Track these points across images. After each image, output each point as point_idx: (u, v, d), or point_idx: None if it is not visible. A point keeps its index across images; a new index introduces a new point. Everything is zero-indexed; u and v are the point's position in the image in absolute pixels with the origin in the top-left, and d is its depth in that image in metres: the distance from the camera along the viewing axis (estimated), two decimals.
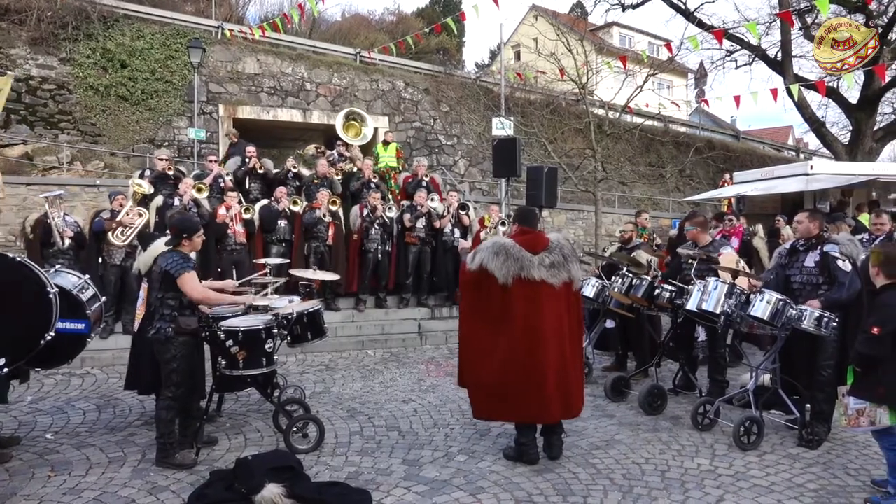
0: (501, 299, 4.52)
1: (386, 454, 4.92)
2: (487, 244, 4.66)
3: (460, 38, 35.97)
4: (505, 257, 4.49)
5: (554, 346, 4.55)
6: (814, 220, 5.39)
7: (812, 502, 4.04)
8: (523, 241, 4.63)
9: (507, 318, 4.52)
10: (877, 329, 3.89)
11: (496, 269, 4.47)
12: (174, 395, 4.58)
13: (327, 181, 10.05)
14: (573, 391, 4.68)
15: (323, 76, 17.28)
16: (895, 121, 23.24)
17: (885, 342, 3.88)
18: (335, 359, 8.27)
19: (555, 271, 4.55)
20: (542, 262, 4.55)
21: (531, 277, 4.49)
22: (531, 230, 4.82)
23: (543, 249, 4.61)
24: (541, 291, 4.52)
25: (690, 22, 20.66)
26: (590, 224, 15.75)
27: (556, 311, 4.58)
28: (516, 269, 4.48)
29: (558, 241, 4.74)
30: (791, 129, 40.08)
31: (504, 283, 4.47)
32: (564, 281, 4.61)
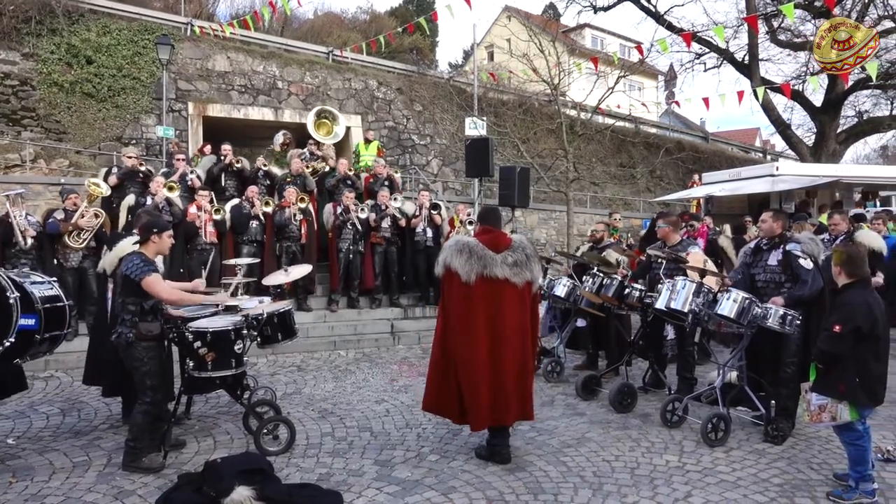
0: (465, 298, 4.52)
1: (358, 455, 4.90)
2: (450, 243, 4.68)
3: (434, 37, 35.99)
4: (468, 255, 4.50)
5: (514, 345, 4.57)
6: (777, 220, 5.51)
7: (777, 496, 4.12)
8: (486, 239, 4.65)
9: (471, 317, 4.51)
10: (838, 327, 3.98)
11: (459, 266, 4.48)
12: (152, 399, 4.50)
13: (300, 178, 9.96)
14: (528, 392, 4.71)
15: (295, 74, 17.14)
16: (857, 123, 23.87)
17: (846, 340, 3.97)
18: (307, 359, 8.20)
19: (517, 270, 4.58)
20: (504, 260, 4.56)
21: (494, 276, 4.50)
22: (494, 229, 4.83)
23: (506, 248, 4.63)
24: (503, 290, 4.54)
25: (660, 24, 20.98)
26: (562, 224, 15.88)
27: (516, 310, 4.60)
28: (479, 267, 4.48)
29: (521, 241, 4.78)
30: (758, 131, 40.85)
31: (467, 282, 4.47)
32: (526, 280, 4.64)
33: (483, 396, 4.48)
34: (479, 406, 4.49)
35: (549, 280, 7.32)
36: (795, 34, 22.55)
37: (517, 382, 4.58)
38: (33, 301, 4.57)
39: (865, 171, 17.36)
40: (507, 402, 4.53)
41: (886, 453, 4.74)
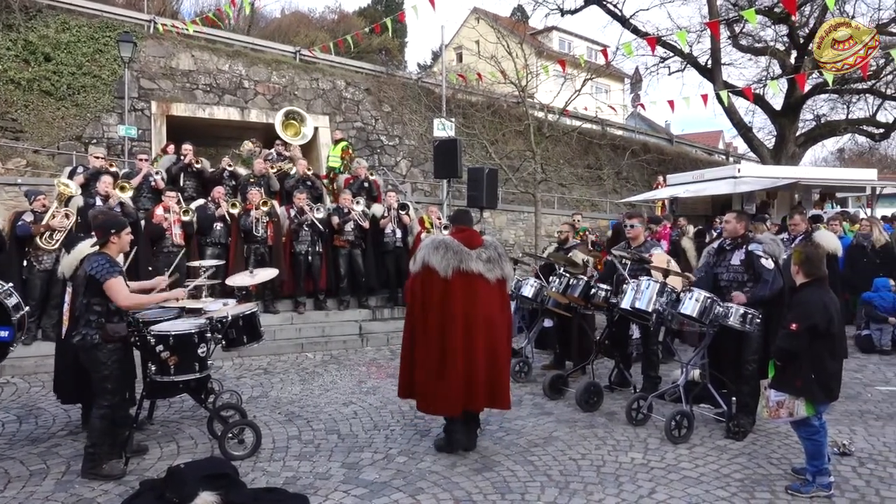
0: (443, 293, 4.69)
1: (325, 458, 4.86)
2: (426, 242, 4.87)
3: (402, 38, 35.93)
4: (445, 250, 4.71)
5: (484, 336, 4.76)
6: (740, 221, 5.63)
7: (738, 491, 4.21)
8: (461, 237, 4.87)
9: (449, 309, 4.68)
10: (795, 325, 4.09)
11: (437, 262, 4.67)
12: (111, 403, 4.39)
13: (264, 179, 9.84)
14: (501, 383, 4.86)
15: (261, 74, 16.94)
16: (815, 127, 24.54)
17: (803, 337, 4.08)
18: (274, 362, 8.11)
19: (491, 266, 4.81)
20: (479, 256, 4.79)
21: (469, 269, 4.72)
22: (467, 228, 5.03)
23: (479, 246, 4.86)
24: (477, 284, 4.75)
25: (626, 28, 21.28)
26: (530, 225, 16.00)
27: (489, 304, 4.80)
28: (456, 261, 4.69)
29: (492, 240, 5.05)
30: (721, 134, 41.70)
31: (445, 277, 4.66)
32: (498, 277, 4.86)
33: (457, 383, 4.66)
34: (452, 392, 4.66)
35: (517, 281, 7.36)
36: (756, 39, 23.10)
37: (487, 372, 4.75)
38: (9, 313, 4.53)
39: (823, 173, 17.87)
40: (477, 389, 4.71)
41: (842, 447, 4.87)
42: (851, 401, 6.27)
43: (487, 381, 4.77)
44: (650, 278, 5.69)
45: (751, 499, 4.10)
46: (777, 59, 22.30)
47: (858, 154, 32.92)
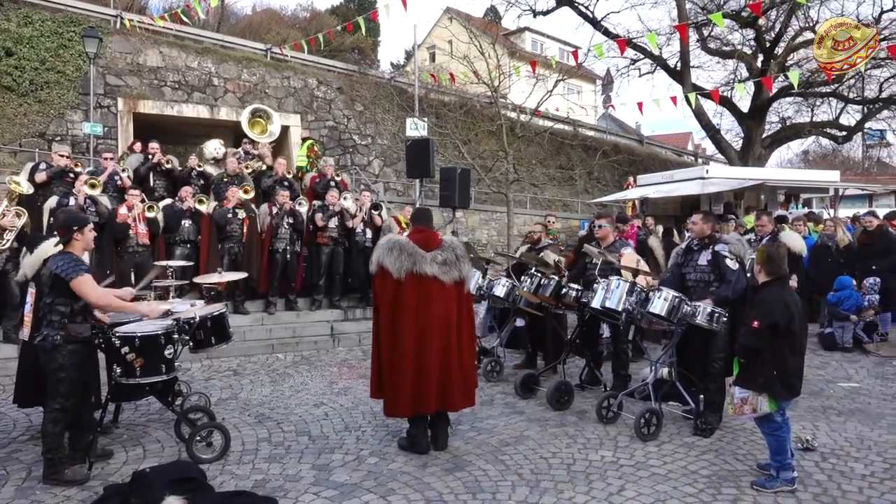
0: (396, 295, 4.71)
1: (295, 460, 4.82)
2: (382, 242, 4.87)
3: (375, 37, 35.78)
4: (398, 252, 4.71)
5: (438, 340, 4.76)
6: (707, 222, 5.72)
7: (705, 487, 4.28)
8: (417, 238, 4.87)
9: (402, 313, 4.71)
10: (756, 322, 4.17)
11: (390, 264, 4.69)
12: (63, 406, 4.28)
13: (238, 179, 9.72)
14: (455, 386, 4.85)
15: (231, 71, 16.70)
16: (781, 129, 25.08)
17: (764, 335, 4.16)
18: (243, 363, 8.01)
19: (446, 269, 4.79)
20: (434, 258, 4.78)
21: (423, 273, 4.71)
22: (426, 229, 5.03)
23: (436, 248, 4.85)
24: (431, 287, 4.75)
25: (597, 30, 21.48)
26: (502, 225, 16.05)
27: (444, 307, 4.80)
28: (409, 264, 4.69)
29: (452, 241, 5.02)
30: (691, 136, 42.36)
31: (398, 279, 4.67)
32: (455, 280, 4.85)
33: (407, 385, 4.70)
34: (403, 394, 4.72)
35: (489, 280, 7.38)
36: (724, 43, 23.51)
37: (440, 375, 4.76)
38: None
39: (788, 174, 18.27)
40: (429, 392, 4.72)
41: (806, 443, 4.98)
42: (815, 397, 6.42)
43: (440, 383, 4.77)
44: (620, 278, 5.75)
45: (717, 495, 4.17)
46: (744, 62, 22.74)
47: (822, 156, 33.73)
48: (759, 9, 14.79)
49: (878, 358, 8.21)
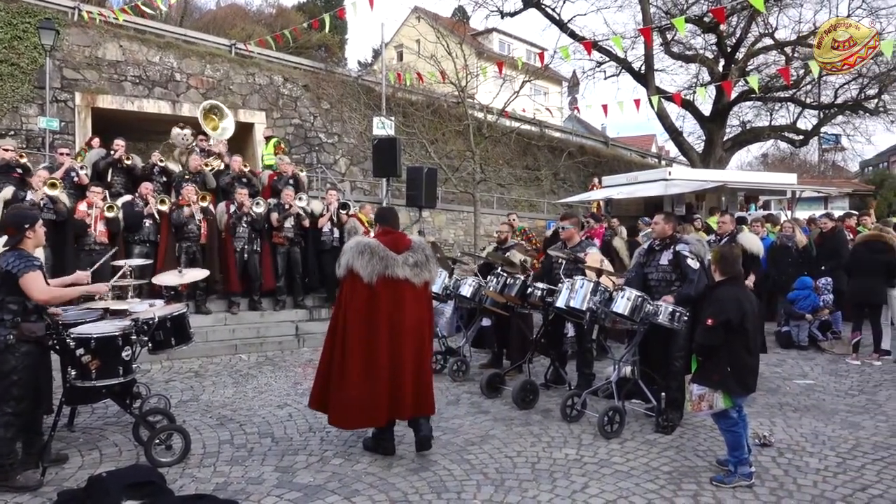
0: (368, 300, 4.53)
1: (258, 462, 4.74)
2: (351, 244, 4.67)
3: (342, 35, 35.50)
4: (370, 256, 4.53)
5: (411, 344, 4.65)
6: (668, 222, 5.83)
7: (666, 484, 4.34)
8: (387, 240, 4.70)
9: (374, 317, 4.53)
10: (711, 320, 4.26)
11: (361, 268, 4.50)
12: (15, 410, 4.13)
13: (199, 176, 9.53)
14: (426, 390, 4.78)
15: (194, 67, 16.41)
16: (741, 133, 25.69)
17: (718, 332, 4.26)
18: (205, 364, 7.87)
19: (417, 270, 4.67)
20: (406, 261, 4.63)
21: (395, 276, 4.57)
22: (393, 230, 4.89)
23: (406, 249, 4.71)
24: (403, 290, 4.62)
25: (564, 32, 21.70)
26: (469, 224, 16.10)
27: (416, 310, 4.69)
28: (381, 267, 4.53)
29: (420, 242, 4.89)
30: (654, 138, 43.11)
31: (369, 283, 4.50)
32: (425, 280, 4.75)
33: (382, 393, 4.53)
34: (378, 403, 4.52)
35: (455, 280, 7.39)
36: (687, 47, 23.99)
37: (414, 379, 4.66)
38: None
39: (748, 177, 18.71)
40: (405, 398, 4.60)
41: (763, 439, 5.10)
42: (771, 394, 6.58)
43: (415, 389, 4.66)
44: (584, 277, 5.81)
45: (678, 490, 4.24)
46: (706, 66, 23.23)
47: (780, 159, 34.67)
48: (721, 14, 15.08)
49: (832, 356, 8.45)
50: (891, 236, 8.08)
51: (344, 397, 4.52)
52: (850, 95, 23.02)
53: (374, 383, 4.51)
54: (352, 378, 4.50)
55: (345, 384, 4.51)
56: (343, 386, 4.52)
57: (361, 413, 4.55)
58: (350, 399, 4.50)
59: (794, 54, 22.63)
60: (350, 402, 4.51)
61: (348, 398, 4.50)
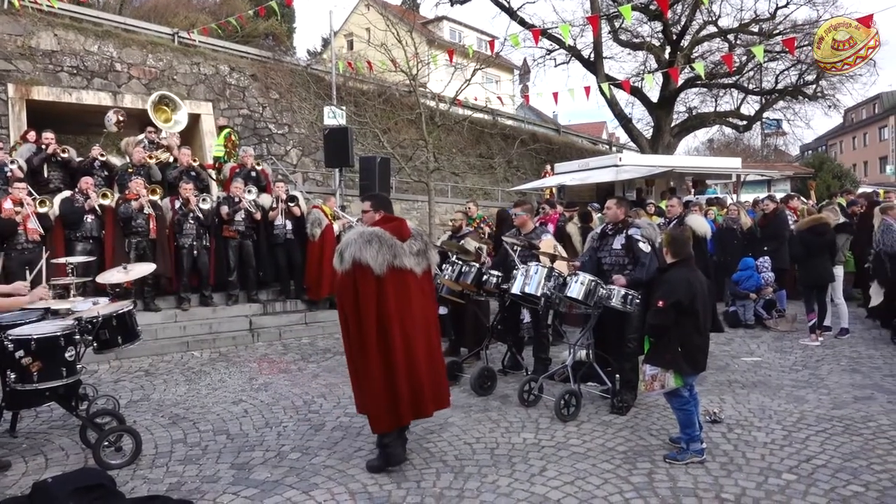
0: (377, 293, 4.20)
1: (212, 460, 4.64)
2: (353, 235, 4.28)
3: (290, 24, 34.79)
4: (379, 245, 4.18)
5: (422, 337, 4.40)
6: (621, 207, 5.91)
7: (622, 463, 4.43)
8: (391, 228, 4.37)
9: (385, 312, 4.23)
10: (661, 302, 4.35)
11: (371, 258, 4.14)
12: None
13: (144, 169, 9.21)
14: (443, 381, 4.59)
15: (136, 56, 15.84)
16: (688, 119, 26.28)
17: (669, 313, 4.35)
18: (156, 363, 7.65)
19: (420, 259, 4.41)
20: (410, 249, 4.36)
21: (402, 266, 4.27)
22: (395, 217, 4.56)
23: (410, 237, 4.43)
24: (409, 280, 4.35)
25: (513, 20, 21.76)
26: (424, 214, 16.06)
27: (421, 300, 4.43)
28: (390, 257, 4.21)
29: (417, 229, 4.63)
30: (605, 125, 43.77)
31: (379, 275, 4.17)
32: (426, 269, 4.49)
33: (403, 391, 4.25)
34: (400, 401, 4.25)
35: None
36: (634, 35, 24.37)
37: (430, 373, 4.41)
38: None
39: (695, 161, 19.18)
40: (424, 393, 4.35)
41: (713, 415, 5.25)
42: (720, 372, 6.78)
43: (431, 383, 4.41)
44: (539, 263, 5.85)
45: (633, 469, 4.33)
46: (653, 54, 23.65)
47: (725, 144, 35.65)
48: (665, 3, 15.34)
49: (776, 333, 8.76)
50: (828, 217, 8.40)
51: (374, 400, 4.27)
52: (790, 81, 23.80)
53: (394, 381, 4.23)
54: (376, 379, 4.23)
55: (372, 386, 4.25)
56: (371, 389, 4.26)
57: (389, 414, 4.26)
58: (378, 401, 4.24)
59: (736, 41, 23.25)
60: (379, 404, 4.25)
61: (377, 400, 4.25)
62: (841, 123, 53.22)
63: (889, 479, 4.06)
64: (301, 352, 8.25)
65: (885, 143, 47.24)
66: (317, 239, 9.43)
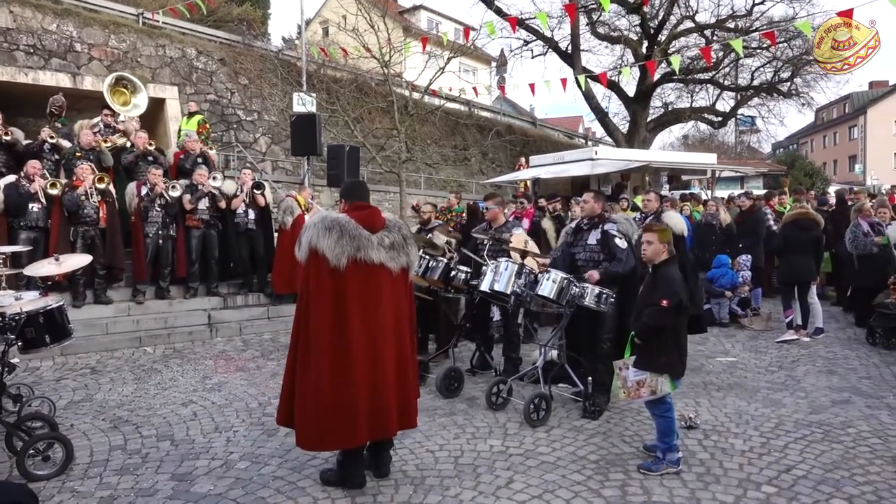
0: (334, 289, 3.71)
1: (152, 470, 4.27)
2: (315, 220, 3.80)
3: (265, 10, 34.00)
4: (339, 234, 3.69)
5: (392, 345, 3.88)
6: (598, 201, 5.64)
7: (593, 474, 4.16)
8: (360, 217, 3.84)
9: (343, 312, 3.73)
10: (666, 301, 4.05)
11: (327, 248, 3.66)
12: None
13: (94, 153, 8.69)
14: (411, 398, 4.05)
15: (97, 36, 15.17)
16: (663, 114, 26.24)
17: (671, 313, 4.07)
18: (104, 360, 7.21)
19: (394, 254, 3.86)
20: (381, 241, 3.82)
21: (369, 260, 3.75)
22: (367, 205, 4.03)
23: (382, 228, 3.90)
24: (380, 278, 3.83)
25: (490, 9, 21.42)
26: (395, 205, 15.69)
27: (394, 301, 3.91)
28: (352, 249, 3.70)
29: (395, 220, 4.07)
30: (581, 119, 43.72)
31: (336, 266, 3.68)
32: (403, 266, 3.95)
33: (361, 407, 3.71)
34: (356, 419, 3.71)
35: None
36: (612, 28, 24.20)
37: (398, 387, 3.89)
38: None
39: (671, 156, 19.07)
40: (389, 411, 3.82)
41: (689, 421, 5.01)
42: (695, 373, 6.56)
43: (400, 398, 3.89)
44: (509, 260, 5.55)
45: (605, 481, 4.06)
46: (630, 47, 23.52)
47: (700, 140, 35.79)
48: None
49: (751, 332, 8.60)
50: (816, 213, 8.27)
51: (313, 413, 3.71)
52: (765, 78, 23.86)
53: (350, 393, 3.69)
54: (322, 388, 3.68)
55: (312, 397, 3.71)
56: (311, 399, 3.71)
57: (335, 432, 3.71)
58: (321, 415, 3.69)
59: (713, 37, 23.21)
60: (321, 419, 3.70)
61: (318, 414, 3.70)
62: (812, 122, 53.99)
63: (873, 493, 3.85)
64: (261, 348, 7.86)
65: (854, 142, 47.95)
66: (288, 227, 9.02)
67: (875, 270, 8.11)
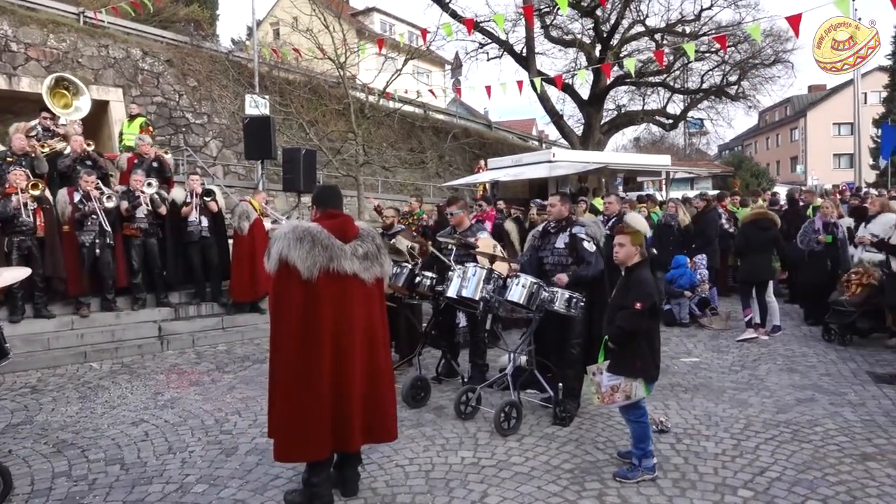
0: (305, 301, 3.60)
1: (101, 497, 3.96)
2: (286, 229, 3.67)
3: (213, 10, 33.18)
4: (311, 245, 3.57)
5: (362, 356, 3.78)
6: (565, 203, 5.54)
7: (569, 484, 4.04)
8: (331, 226, 3.73)
9: (313, 324, 3.62)
10: (640, 304, 3.97)
11: (299, 259, 3.54)
12: None
13: (27, 159, 8.19)
14: (382, 411, 3.91)
15: (35, 36, 14.49)
16: (617, 116, 26.64)
17: (645, 316, 4.00)
18: (46, 377, 6.77)
19: (367, 264, 3.77)
20: (354, 251, 3.72)
21: (342, 270, 3.65)
22: (339, 213, 3.93)
23: (355, 237, 3.79)
24: (352, 289, 3.73)
25: (445, 11, 21.34)
26: (353, 209, 15.42)
27: (366, 313, 3.82)
28: (324, 259, 3.59)
29: (368, 229, 3.97)
30: (535, 122, 44.11)
31: (308, 279, 3.56)
32: (377, 276, 3.86)
33: (323, 419, 3.63)
34: (320, 431, 3.63)
35: None
36: (566, 31, 24.43)
37: (365, 399, 3.78)
38: None
39: (627, 158, 19.32)
40: (351, 423, 3.71)
41: (660, 424, 4.95)
42: (662, 374, 6.38)
43: (365, 411, 3.79)
44: (476, 265, 5.41)
45: (582, 491, 3.94)
46: (584, 51, 23.78)
47: (651, 142, 36.50)
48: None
49: (711, 331, 8.68)
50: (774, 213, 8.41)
51: (279, 425, 3.67)
52: (714, 82, 24.45)
53: (316, 406, 3.60)
54: (288, 400, 3.63)
55: (279, 408, 3.67)
56: (278, 411, 3.68)
57: (300, 444, 3.63)
58: (287, 427, 3.63)
59: (663, 41, 23.67)
60: (287, 431, 3.64)
61: (285, 426, 3.64)
62: (756, 124, 55.79)
63: (847, 493, 3.84)
64: (216, 360, 7.52)
65: (795, 143, 49.77)
66: (245, 232, 8.69)
67: (819, 267, 8.33)
